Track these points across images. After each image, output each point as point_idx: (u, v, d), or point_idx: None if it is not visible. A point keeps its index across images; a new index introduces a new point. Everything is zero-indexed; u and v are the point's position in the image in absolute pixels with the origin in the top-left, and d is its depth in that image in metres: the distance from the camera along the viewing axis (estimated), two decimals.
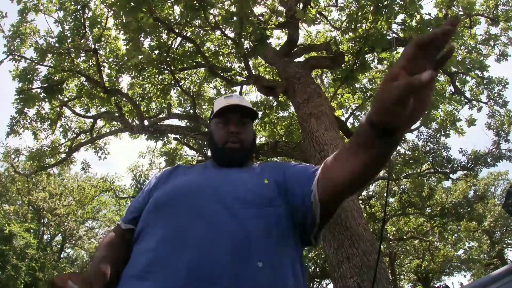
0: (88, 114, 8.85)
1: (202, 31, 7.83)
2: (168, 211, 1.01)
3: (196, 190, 1.05)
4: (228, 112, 1.23)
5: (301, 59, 7.79)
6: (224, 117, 1.24)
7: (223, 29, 6.79)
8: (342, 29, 7.79)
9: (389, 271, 16.81)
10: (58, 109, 8.54)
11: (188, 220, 0.96)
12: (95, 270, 0.97)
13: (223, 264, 0.86)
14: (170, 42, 7.53)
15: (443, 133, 10.51)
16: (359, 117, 11.09)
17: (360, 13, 6.96)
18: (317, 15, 8.50)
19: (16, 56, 7.46)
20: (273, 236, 0.96)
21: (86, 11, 7.35)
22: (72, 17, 7.28)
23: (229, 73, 8.60)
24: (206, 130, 8.15)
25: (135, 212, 1.15)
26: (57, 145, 9.23)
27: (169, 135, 9.23)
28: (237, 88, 9.20)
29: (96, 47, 7.56)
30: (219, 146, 1.23)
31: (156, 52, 7.09)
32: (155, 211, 1.04)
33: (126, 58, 7.29)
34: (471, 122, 9.93)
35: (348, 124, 9.52)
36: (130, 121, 8.60)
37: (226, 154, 1.22)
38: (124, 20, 6.06)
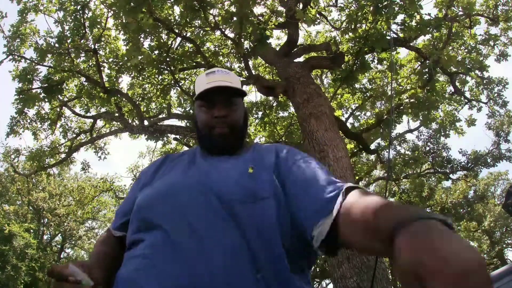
0: (88, 114, 8.86)
1: (202, 31, 7.84)
2: (152, 217, 0.90)
3: (178, 192, 0.92)
4: (211, 93, 1.05)
5: (301, 59, 7.79)
6: (208, 98, 1.07)
7: (223, 29, 6.79)
8: (342, 29, 7.79)
9: (389, 271, 16.80)
10: (58, 109, 8.55)
11: (171, 228, 0.85)
12: (93, 261, 0.94)
13: (216, 279, 0.75)
14: (170, 42, 7.53)
15: (443, 133, 10.52)
16: (359, 117, 11.11)
17: (360, 13, 6.96)
18: (317, 15, 8.51)
19: (16, 56, 7.46)
20: (266, 238, 0.83)
21: (86, 11, 7.35)
22: (72, 17, 7.28)
23: None
24: None
25: (124, 217, 1.04)
26: (57, 145, 9.23)
27: (169, 135, 9.23)
28: None
29: (96, 47, 7.56)
30: (204, 133, 1.08)
31: (156, 52, 7.09)
32: (139, 216, 0.94)
33: (126, 58, 7.30)
34: (471, 122, 9.93)
35: (348, 124, 9.54)
36: (130, 121, 8.60)
37: (212, 141, 1.06)
38: (124, 21, 6.06)
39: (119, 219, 1.07)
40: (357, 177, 11.81)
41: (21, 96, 7.47)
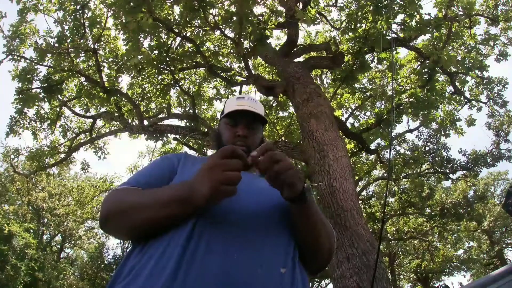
0: (88, 114, 8.85)
1: (201, 31, 7.83)
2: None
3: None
4: (238, 114, 1.23)
5: (300, 59, 7.79)
6: (234, 119, 1.25)
7: (223, 29, 6.79)
8: (342, 29, 7.79)
9: (389, 271, 16.82)
10: (58, 109, 8.54)
11: (212, 225, 0.94)
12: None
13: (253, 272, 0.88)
14: (169, 42, 7.53)
15: (443, 133, 10.51)
16: (359, 117, 11.11)
17: (360, 13, 6.96)
18: (317, 15, 8.51)
19: (16, 56, 7.45)
20: (288, 243, 1.00)
21: (86, 11, 7.34)
22: (72, 17, 7.28)
23: (228, 73, 8.60)
24: (206, 130, 8.15)
25: (147, 186, 1.06)
26: (57, 145, 9.22)
27: (169, 135, 9.23)
28: (237, 88, 9.21)
29: (96, 47, 7.55)
30: None
31: (156, 52, 7.08)
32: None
33: (125, 58, 7.29)
34: (471, 122, 9.93)
35: (348, 124, 9.54)
36: (129, 121, 8.60)
37: None
38: (123, 20, 6.05)
39: (143, 184, 1.07)
40: (357, 177, 11.81)
41: (20, 96, 7.46)
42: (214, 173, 0.88)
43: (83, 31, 7.33)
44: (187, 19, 6.72)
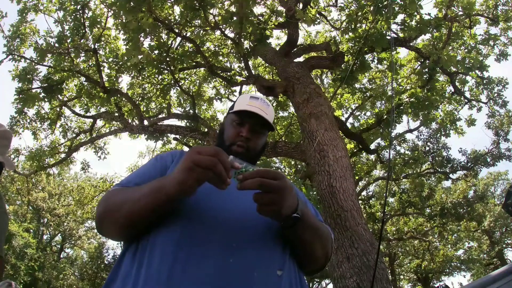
0: (88, 114, 8.85)
1: (202, 31, 7.83)
2: (181, 214, 0.95)
3: (210, 196, 0.99)
4: (247, 114, 1.20)
5: (301, 59, 7.79)
6: (241, 117, 1.22)
7: (223, 29, 6.79)
8: (342, 29, 7.79)
9: (389, 271, 16.82)
10: (58, 109, 8.54)
11: (204, 228, 0.92)
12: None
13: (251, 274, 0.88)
14: (170, 42, 7.53)
15: (443, 133, 10.51)
16: (359, 117, 11.11)
17: (360, 13, 6.96)
18: (317, 15, 8.51)
19: (16, 56, 7.45)
20: (284, 245, 1.00)
21: (86, 11, 7.35)
22: (72, 17, 7.28)
23: (228, 73, 8.60)
24: (206, 130, 8.16)
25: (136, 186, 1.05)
26: (57, 145, 9.22)
27: (169, 135, 9.23)
28: (237, 88, 9.21)
29: (96, 47, 7.55)
30: (226, 144, 1.21)
31: (156, 52, 7.08)
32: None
33: (125, 58, 7.30)
34: (471, 122, 9.93)
35: (348, 124, 9.55)
36: (130, 121, 8.60)
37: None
38: (124, 20, 6.06)
39: (134, 184, 1.07)
40: (357, 177, 11.81)
41: (21, 95, 7.46)
42: (188, 156, 0.85)
43: (83, 31, 7.33)
44: (187, 19, 6.72)
